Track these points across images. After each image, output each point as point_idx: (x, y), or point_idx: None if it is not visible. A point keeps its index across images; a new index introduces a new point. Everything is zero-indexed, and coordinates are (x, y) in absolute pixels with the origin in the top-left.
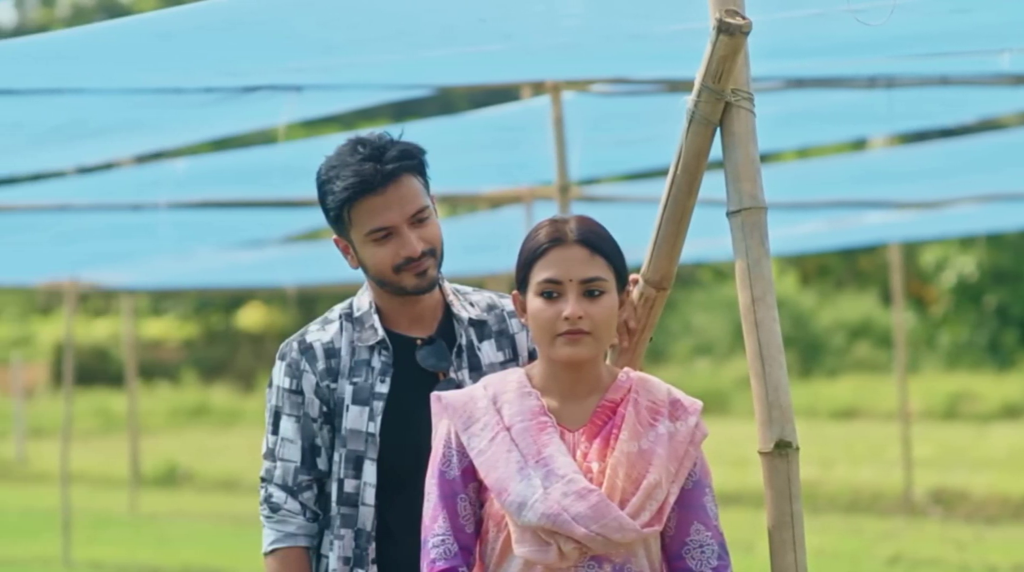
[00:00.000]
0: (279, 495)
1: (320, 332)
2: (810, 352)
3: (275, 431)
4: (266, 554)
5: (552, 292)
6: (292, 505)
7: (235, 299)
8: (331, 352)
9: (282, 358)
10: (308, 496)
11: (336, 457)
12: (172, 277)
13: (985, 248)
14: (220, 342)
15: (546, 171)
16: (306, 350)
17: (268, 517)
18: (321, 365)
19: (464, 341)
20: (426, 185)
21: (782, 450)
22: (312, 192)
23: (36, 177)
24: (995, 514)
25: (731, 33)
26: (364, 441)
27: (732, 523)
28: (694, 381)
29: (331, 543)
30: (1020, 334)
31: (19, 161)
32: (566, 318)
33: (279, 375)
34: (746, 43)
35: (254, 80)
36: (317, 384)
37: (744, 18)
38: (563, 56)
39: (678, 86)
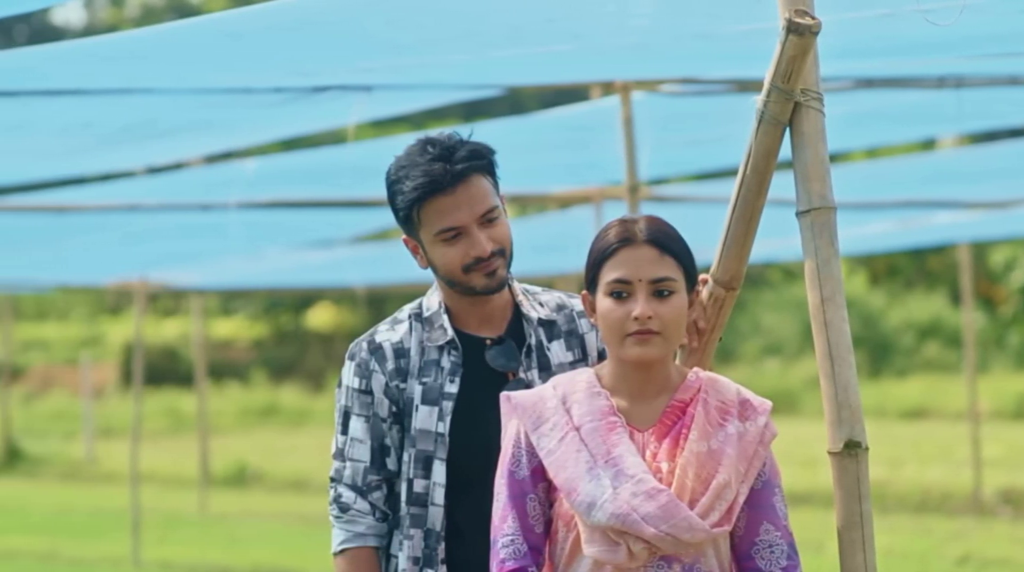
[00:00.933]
0: (348, 495)
1: (389, 332)
2: (879, 352)
3: (344, 431)
4: (335, 554)
5: (621, 292)
6: (361, 505)
7: (305, 299)
8: (400, 352)
9: (351, 358)
10: (377, 496)
11: (405, 457)
12: (242, 277)
13: None
14: (290, 342)
15: (615, 171)
16: (375, 350)
17: (337, 517)
18: (391, 365)
19: (533, 341)
20: (495, 185)
21: (851, 450)
22: (382, 192)
23: (106, 177)
24: None
25: (800, 33)
26: (433, 441)
27: (801, 523)
28: (763, 381)
29: (400, 543)
30: None
31: (89, 161)
32: (635, 318)
33: (348, 375)
34: (816, 43)
35: (324, 80)
36: (386, 384)
37: (814, 18)
38: (632, 56)
39: (747, 86)
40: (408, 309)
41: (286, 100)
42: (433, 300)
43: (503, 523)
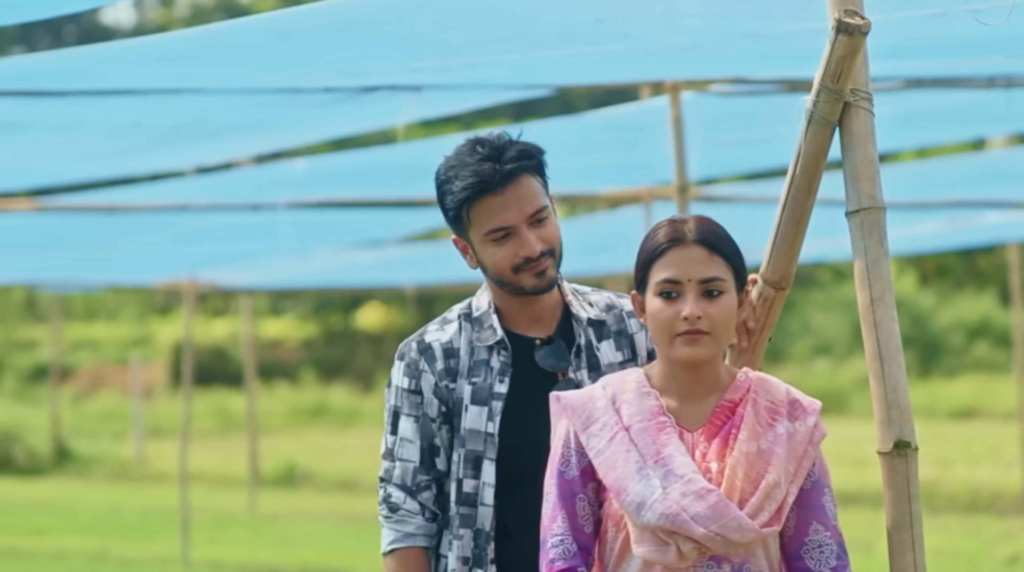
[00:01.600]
0: (398, 495)
1: (439, 332)
2: (929, 352)
3: (394, 431)
4: (385, 554)
5: (671, 292)
6: (411, 505)
7: (355, 299)
8: (450, 352)
9: (401, 358)
10: (427, 496)
11: (455, 457)
12: (291, 277)
13: None
14: (339, 342)
15: (665, 171)
16: (425, 350)
17: (387, 517)
18: (440, 365)
19: (583, 341)
20: (545, 185)
21: (901, 450)
22: (431, 192)
23: (155, 177)
24: None
25: (850, 33)
26: (483, 441)
27: (851, 523)
28: (813, 381)
29: (450, 543)
30: None
31: (139, 161)
32: (685, 318)
33: (398, 375)
34: (865, 43)
35: (373, 80)
36: (436, 384)
37: (863, 18)
38: (682, 56)
39: (797, 86)
40: (457, 309)
41: (336, 100)
42: (483, 300)
43: (552, 523)
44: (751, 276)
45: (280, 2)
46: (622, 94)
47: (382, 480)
